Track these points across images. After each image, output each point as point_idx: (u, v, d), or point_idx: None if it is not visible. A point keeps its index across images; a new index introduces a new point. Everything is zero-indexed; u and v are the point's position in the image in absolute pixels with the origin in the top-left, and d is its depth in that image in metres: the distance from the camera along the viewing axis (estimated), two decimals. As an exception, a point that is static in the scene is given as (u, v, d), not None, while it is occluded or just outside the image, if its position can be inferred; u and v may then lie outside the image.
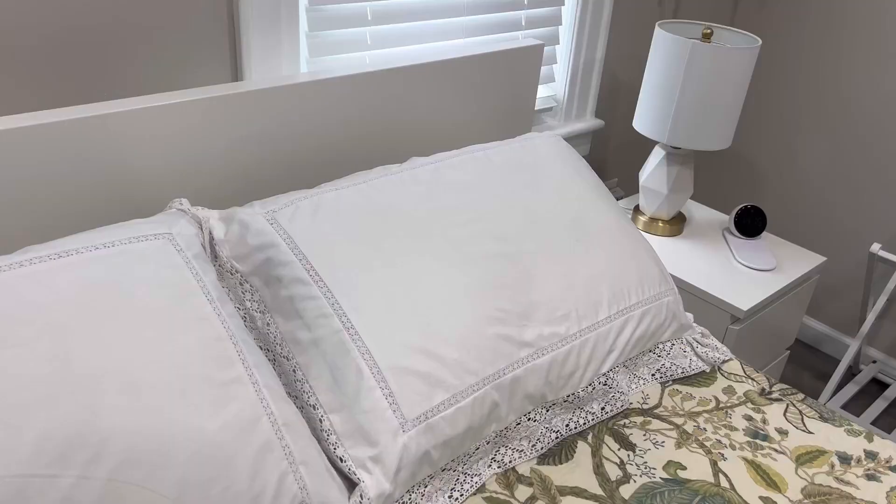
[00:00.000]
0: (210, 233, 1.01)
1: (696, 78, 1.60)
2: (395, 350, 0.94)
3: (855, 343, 2.07)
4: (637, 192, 2.28)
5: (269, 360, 0.96)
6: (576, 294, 1.10)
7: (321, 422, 0.91)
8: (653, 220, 1.85)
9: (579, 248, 1.14)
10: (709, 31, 1.68)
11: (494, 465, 1.02)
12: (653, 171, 1.80)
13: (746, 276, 1.71)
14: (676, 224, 1.85)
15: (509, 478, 1.01)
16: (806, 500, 1.02)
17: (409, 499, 0.92)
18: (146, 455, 0.72)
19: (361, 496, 0.86)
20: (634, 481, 1.03)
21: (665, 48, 1.63)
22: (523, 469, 1.03)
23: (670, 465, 1.06)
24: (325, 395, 0.92)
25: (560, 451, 1.07)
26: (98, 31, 1.07)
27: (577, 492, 1.00)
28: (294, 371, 0.95)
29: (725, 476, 1.05)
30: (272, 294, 0.98)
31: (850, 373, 2.33)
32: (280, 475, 0.80)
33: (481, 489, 0.99)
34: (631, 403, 1.17)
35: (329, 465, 0.88)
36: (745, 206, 1.83)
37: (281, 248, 0.99)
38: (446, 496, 0.96)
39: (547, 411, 1.07)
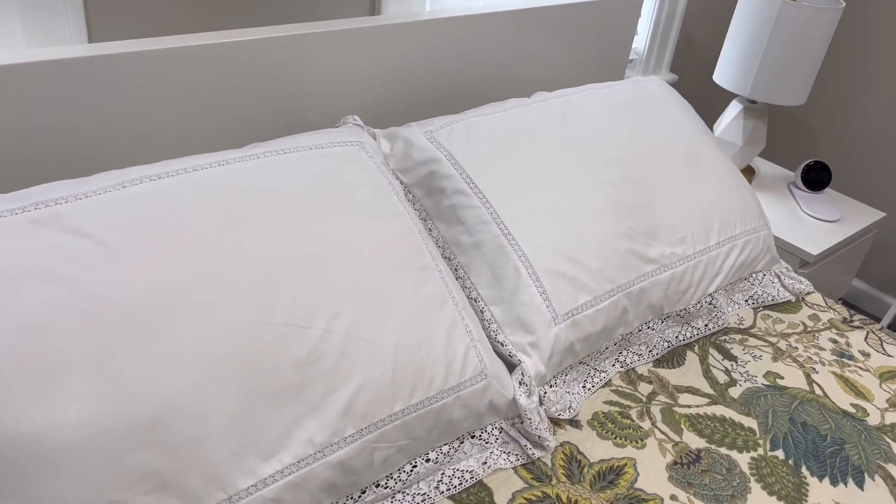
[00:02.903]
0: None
1: (782, 35, 1.69)
2: (547, 255, 1.06)
3: (899, 300, 2.19)
4: (700, 147, 2.38)
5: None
6: (691, 220, 1.22)
7: (482, 312, 1.05)
8: (725, 170, 1.96)
9: (694, 179, 1.26)
10: (795, -9, 1.77)
11: (618, 365, 1.15)
12: (729, 123, 1.90)
13: (813, 225, 1.82)
14: (746, 176, 1.96)
15: (631, 376, 1.15)
16: (891, 409, 1.15)
17: (555, 382, 1.06)
18: (371, 317, 0.86)
19: (523, 374, 1.00)
20: (740, 385, 1.16)
21: (753, 6, 1.72)
22: (642, 370, 1.16)
23: (769, 374, 1.19)
24: (486, 290, 1.05)
25: (671, 358, 1.20)
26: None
27: (692, 390, 1.14)
28: (456, 269, 1.07)
29: (819, 386, 1.18)
30: (434, 203, 1.11)
31: (889, 329, 2.45)
32: (465, 348, 0.94)
33: (608, 384, 1.13)
34: (729, 323, 1.29)
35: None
36: (812, 161, 1.94)
37: (443, 163, 1.11)
38: (580, 386, 1.09)
39: (662, 322, 1.20)
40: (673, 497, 0.95)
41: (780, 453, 1.04)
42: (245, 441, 0.74)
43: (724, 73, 1.84)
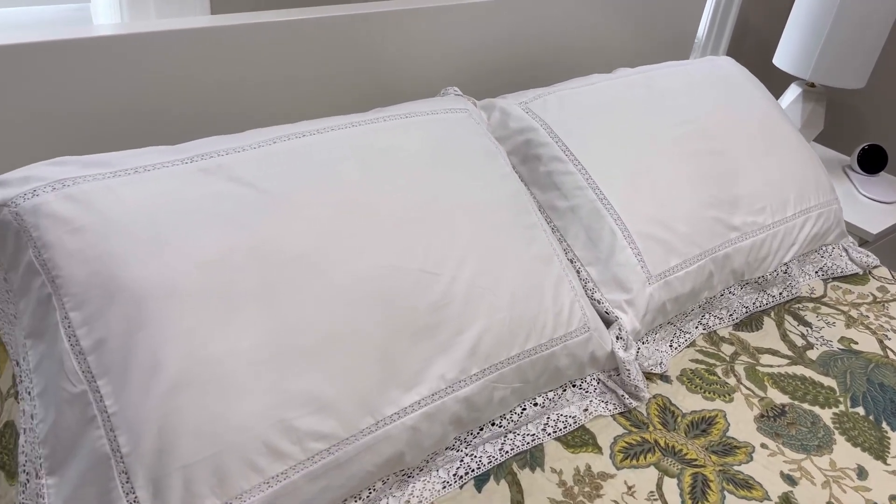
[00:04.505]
0: (476, 116, 1.19)
1: (847, 18, 1.73)
2: (640, 219, 1.12)
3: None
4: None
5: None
6: (770, 191, 1.28)
7: (579, 272, 1.11)
8: (782, 152, 2.00)
9: (770, 152, 1.32)
10: (859, -25, 1.81)
11: (700, 328, 1.21)
12: (788, 106, 1.94)
13: (870, 206, 1.86)
14: (804, 157, 2.00)
15: (713, 338, 1.21)
16: (964, 373, 1.20)
17: (645, 340, 1.12)
18: (490, 268, 0.92)
19: (620, 328, 1.06)
20: (817, 349, 1.21)
21: (819, -11, 1.76)
22: (723, 333, 1.22)
23: (843, 339, 1.24)
24: (582, 251, 1.11)
25: (749, 322, 1.26)
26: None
27: (772, 352, 1.19)
28: (553, 232, 1.14)
29: (892, 351, 1.23)
30: (529, 170, 1.17)
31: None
32: (570, 302, 1.00)
33: (692, 344, 1.19)
34: (801, 293, 1.35)
35: (590, 305, 1.08)
36: (868, 145, 1.98)
37: (539, 131, 1.17)
38: (667, 345, 1.15)
39: (741, 288, 1.26)
40: (763, 445, 1.01)
41: (860, 410, 1.09)
42: (389, 373, 0.81)
43: (784, 56, 1.88)
